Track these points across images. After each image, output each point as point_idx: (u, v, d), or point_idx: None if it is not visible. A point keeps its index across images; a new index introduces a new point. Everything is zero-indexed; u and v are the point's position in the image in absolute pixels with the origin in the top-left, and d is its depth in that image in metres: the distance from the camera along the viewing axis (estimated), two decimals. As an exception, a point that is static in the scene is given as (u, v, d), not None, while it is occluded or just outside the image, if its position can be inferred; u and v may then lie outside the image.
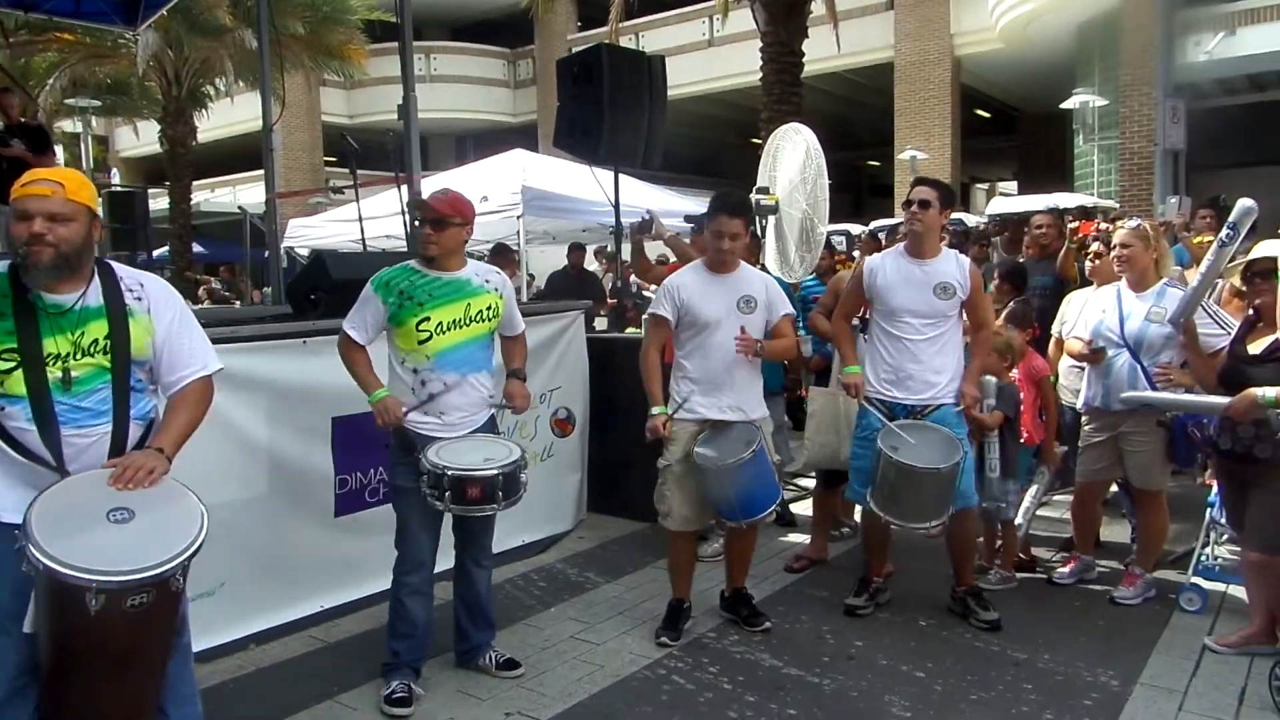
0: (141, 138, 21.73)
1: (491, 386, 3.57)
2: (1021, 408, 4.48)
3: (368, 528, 4.21)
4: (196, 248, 18.18)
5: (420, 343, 3.35)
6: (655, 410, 3.83)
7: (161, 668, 2.62)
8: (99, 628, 2.25)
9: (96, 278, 2.53)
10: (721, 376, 3.83)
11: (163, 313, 2.63)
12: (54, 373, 2.42)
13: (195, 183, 18.50)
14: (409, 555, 3.46)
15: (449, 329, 3.38)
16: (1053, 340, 4.96)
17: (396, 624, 3.46)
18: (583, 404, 5.57)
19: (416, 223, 3.43)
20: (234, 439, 3.83)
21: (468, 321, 3.42)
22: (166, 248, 16.75)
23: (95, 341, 2.48)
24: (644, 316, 4.12)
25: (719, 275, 3.89)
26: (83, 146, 17.08)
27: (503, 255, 9.53)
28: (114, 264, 2.64)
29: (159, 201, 17.19)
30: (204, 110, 17.85)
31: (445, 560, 3.63)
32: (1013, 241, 7.76)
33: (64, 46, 16.33)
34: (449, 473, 3.21)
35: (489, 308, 3.49)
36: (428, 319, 3.35)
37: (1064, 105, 16.78)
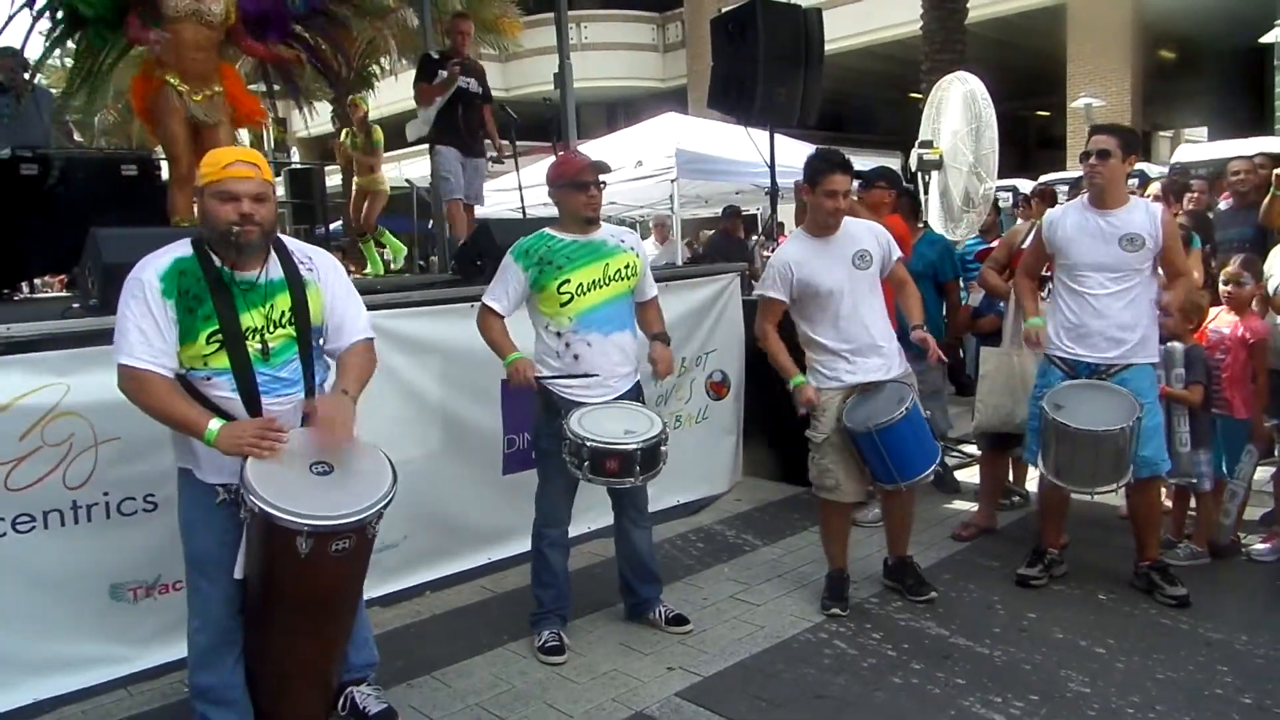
0: (316, 118, 23.02)
1: (635, 347, 3.61)
2: (1224, 373, 4.12)
3: (532, 487, 4.35)
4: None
5: (562, 305, 3.42)
6: (796, 380, 3.72)
7: (354, 612, 2.82)
8: (307, 571, 2.44)
9: (273, 252, 2.69)
10: (861, 339, 3.71)
11: (330, 283, 2.78)
12: (253, 345, 2.59)
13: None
14: (549, 512, 3.59)
15: (589, 289, 3.43)
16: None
17: (541, 574, 3.61)
18: (738, 367, 5.55)
19: (573, 189, 3.47)
20: (411, 400, 4.05)
21: (607, 281, 3.47)
22: (340, 221, 17.75)
23: (283, 313, 2.65)
24: (754, 294, 3.99)
25: (825, 239, 3.74)
26: (264, 128, 18.26)
27: (735, 216, 10.03)
28: (283, 238, 2.80)
29: (333, 178, 18.21)
30: (371, 90, 18.70)
31: (609, 517, 3.74)
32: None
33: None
34: (588, 444, 3.25)
35: (627, 266, 3.52)
36: (568, 280, 3.41)
37: (1263, 40, 15.21)
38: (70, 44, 5.60)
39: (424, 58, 6.56)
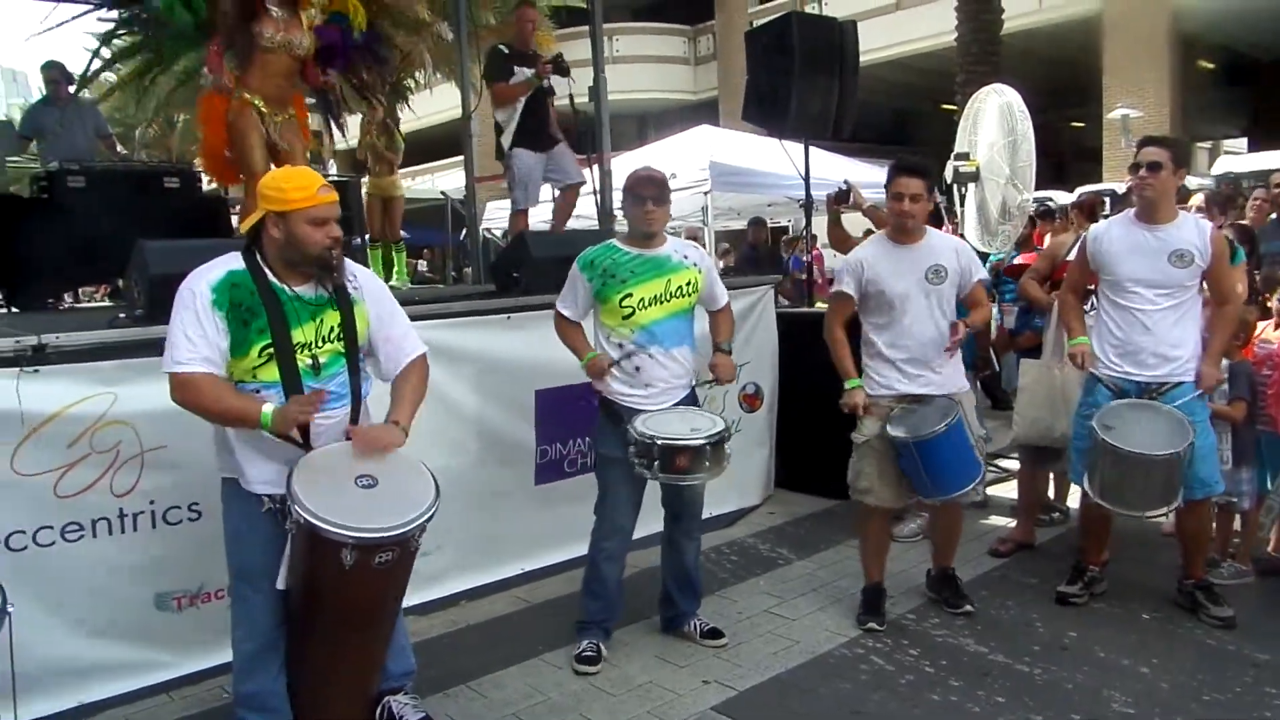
0: (350, 131, 23.30)
1: (694, 360, 3.62)
2: (1270, 389, 4.03)
3: (563, 497, 4.37)
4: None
5: (624, 318, 3.46)
6: (850, 384, 3.74)
7: (394, 624, 2.85)
8: (351, 582, 2.47)
9: None
10: (916, 351, 3.68)
11: (376, 303, 2.83)
12: (304, 359, 2.64)
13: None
14: (610, 522, 3.58)
15: (650, 304, 3.47)
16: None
17: (591, 584, 3.62)
18: (771, 379, 5.54)
19: (631, 202, 3.50)
20: (446, 410, 4.07)
21: (668, 297, 3.49)
22: (377, 232, 17.94)
23: (332, 329, 2.69)
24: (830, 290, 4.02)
25: (904, 245, 3.71)
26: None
27: (761, 226, 10.45)
28: None
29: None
30: (405, 102, 18.90)
31: (656, 524, 3.74)
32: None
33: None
34: (658, 442, 3.29)
35: (689, 283, 3.54)
36: (630, 295, 3.45)
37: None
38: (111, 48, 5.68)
39: (494, 52, 5.92)
